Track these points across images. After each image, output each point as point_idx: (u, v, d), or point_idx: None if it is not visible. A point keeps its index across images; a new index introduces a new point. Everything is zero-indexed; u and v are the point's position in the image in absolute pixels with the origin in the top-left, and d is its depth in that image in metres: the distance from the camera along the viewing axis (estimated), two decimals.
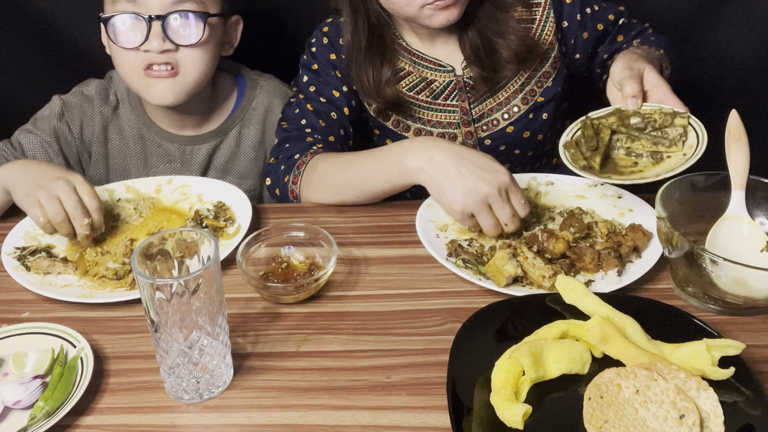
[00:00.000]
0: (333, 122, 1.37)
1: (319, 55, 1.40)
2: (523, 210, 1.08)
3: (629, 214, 1.16)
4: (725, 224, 1.04)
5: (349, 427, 0.83)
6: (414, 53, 1.38)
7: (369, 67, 1.34)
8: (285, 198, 1.31)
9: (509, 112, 1.38)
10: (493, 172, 1.06)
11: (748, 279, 0.90)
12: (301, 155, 1.29)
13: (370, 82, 1.34)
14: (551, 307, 0.94)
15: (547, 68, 1.38)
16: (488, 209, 1.07)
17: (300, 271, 1.07)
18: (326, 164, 1.25)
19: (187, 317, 0.81)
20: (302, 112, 1.37)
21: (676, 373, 0.80)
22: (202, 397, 0.87)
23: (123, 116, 1.46)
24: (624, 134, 1.14)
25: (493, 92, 1.38)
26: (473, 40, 1.32)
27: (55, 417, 0.82)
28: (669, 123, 1.11)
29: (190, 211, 1.26)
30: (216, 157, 1.48)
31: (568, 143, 1.15)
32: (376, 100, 1.37)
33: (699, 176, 1.06)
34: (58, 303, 1.04)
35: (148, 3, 1.26)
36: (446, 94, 1.38)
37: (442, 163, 1.08)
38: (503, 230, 1.09)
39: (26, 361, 0.91)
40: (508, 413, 0.76)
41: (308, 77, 1.40)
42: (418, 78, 1.38)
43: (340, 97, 1.39)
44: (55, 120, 1.41)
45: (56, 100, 1.43)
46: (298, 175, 1.28)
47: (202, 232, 0.84)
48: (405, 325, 0.99)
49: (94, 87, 1.45)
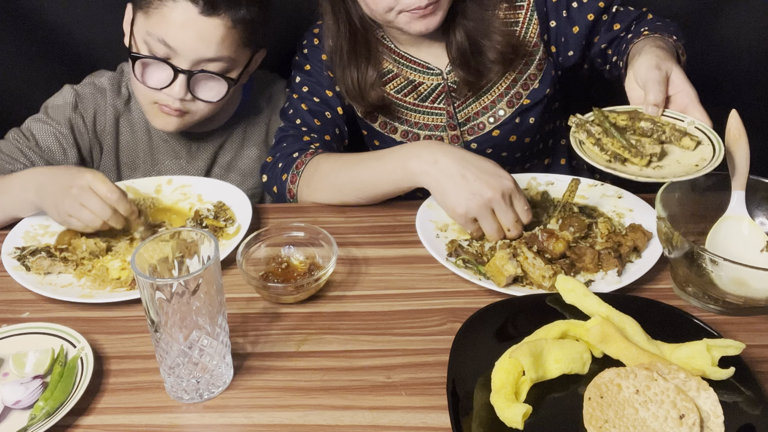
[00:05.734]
0: (328, 121, 1.38)
1: (310, 56, 1.40)
2: (526, 216, 1.08)
3: (629, 214, 1.17)
4: (725, 224, 1.04)
5: (349, 427, 0.83)
6: (401, 55, 1.37)
7: (353, 70, 1.33)
8: (282, 196, 1.31)
9: (495, 116, 1.38)
10: (498, 177, 1.06)
11: (748, 279, 0.90)
12: (300, 154, 1.29)
13: (354, 85, 1.34)
14: (551, 307, 0.94)
15: (532, 70, 1.37)
16: (491, 214, 1.07)
17: (300, 271, 1.07)
18: (328, 165, 1.25)
19: (187, 317, 0.81)
20: (297, 112, 1.37)
21: (676, 373, 0.80)
22: (202, 397, 0.87)
23: (134, 110, 1.45)
24: (600, 128, 1.08)
25: (478, 96, 1.37)
26: (459, 41, 1.30)
27: (55, 417, 0.82)
28: (677, 140, 1.06)
29: (190, 211, 1.26)
30: (221, 154, 1.48)
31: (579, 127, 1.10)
32: (361, 103, 1.37)
33: (699, 176, 1.06)
34: (58, 303, 1.04)
35: (181, 54, 1.23)
36: (433, 97, 1.38)
37: (447, 167, 1.08)
38: (506, 236, 1.09)
39: (26, 361, 0.91)
40: (508, 413, 0.76)
41: (300, 78, 1.40)
42: (405, 80, 1.38)
43: (333, 97, 1.39)
44: (69, 111, 1.39)
45: (69, 90, 1.40)
46: (297, 174, 1.28)
47: (202, 232, 0.84)
48: (405, 325, 0.99)
49: (107, 79, 1.43)
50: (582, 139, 1.09)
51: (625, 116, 1.11)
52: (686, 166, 1.03)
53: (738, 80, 1.66)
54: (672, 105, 1.08)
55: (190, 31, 1.21)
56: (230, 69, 1.29)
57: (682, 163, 1.04)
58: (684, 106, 1.07)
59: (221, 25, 1.22)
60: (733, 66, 1.65)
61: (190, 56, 1.23)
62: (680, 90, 1.07)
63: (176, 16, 1.21)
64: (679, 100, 1.07)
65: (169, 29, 1.21)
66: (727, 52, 1.64)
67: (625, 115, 1.11)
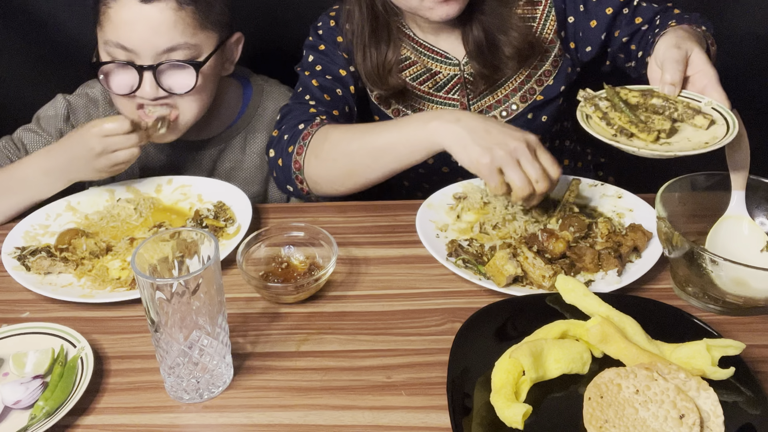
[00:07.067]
0: (338, 98, 1.35)
1: (326, 36, 1.39)
2: (555, 170, 1.05)
3: (629, 214, 1.17)
4: (725, 224, 1.04)
5: (349, 427, 0.83)
6: (420, 43, 1.37)
7: (373, 51, 1.33)
8: (287, 169, 1.26)
9: (507, 109, 1.38)
10: (521, 132, 1.05)
11: (748, 279, 0.90)
12: (306, 125, 1.26)
13: (375, 67, 1.33)
14: (551, 307, 0.94)
15: (547, 66, 1.37)
16: (517, 164, 1.03)
17: (300, 271, 1.07)
18: (339, 133, 1.22)
19: (187, 317, 0.81)
20: (306, 88, 1.35)
21: (676, 373, 0.80)
22: (202, 397, 0.87)
23: None
24: (609, 102, 1.06)
25: (492, 89, 1.37)
26: (476, 35, 1.30)
27: (55, 417, 0.82)
28: (689, 118, 1.02)
29: (190, 211, 1.26)
30: (220, 162, 1.46)
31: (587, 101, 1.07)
32: (380, 87, 1.36)
33: (699, 176, 1.06)
34: (58, 303, 1.04)
35: (139, 51, 1.22)
36: (449, 87, 1.38)
37: (470, 124, 1.07)
38: (534, 189, 1.04)
39: (26, 361, 0.91)
40: (508, 413, 0.76)
41: (314, 57, 1.38)
42: (423, 68, 1.37)
43: (347, 76, 1.37)
44: (61, 122, 1.39)
45: (61, 101, 1.40)
46: (304, 146, 1.23)
47: (202, 232, 0.84)
48: (405, 325, 0.99)
49: (99, 90, 1.43)
50: (589, 113, 1.06)
51: (638, 93, 1.07)
52: (695, 144, 0.99)
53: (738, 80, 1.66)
54: (690, 86, 1.05)
55: (138, 25, 1.21)
56: (195, 55, 1.27)
57: (692, 141, 1.00)
58: (702, 86, 1.03)
59: (166, 8, 1.21)
60: (733, 66, 1.65)
61: (148, 51, 1.22)
62: (699, 70, 1.03)
63: (122, 14, 1.21)
64: (698, 81, 1.03)
65: (120, 29, 1.21)
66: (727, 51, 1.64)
67: (638, 93, 1.07)
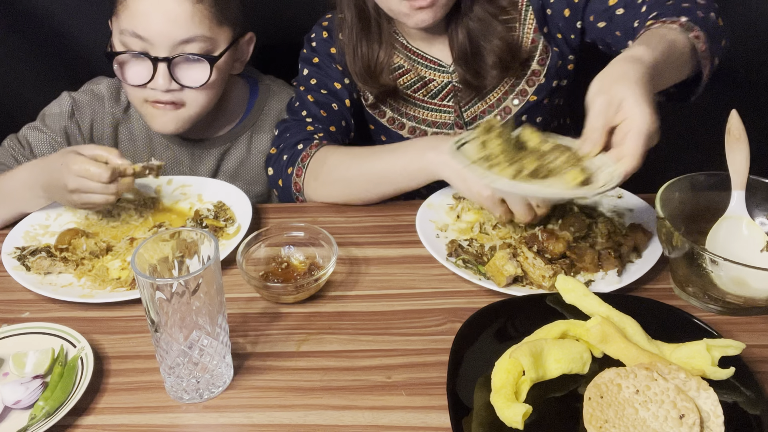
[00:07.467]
0: (334, 113, 1.37)
1: (319, 48, 1.39)
2: None
3: (629, 214, 1.16)
4: (725, 224, 1.04)
5: (349, 427, 0.83)
6: (413, 51, 1.37)
7: (364, 47, 1.33)
8: (288, 190, 1.29)
9: (500, 113, 1.37)
10: None
11: (748, 279, 0.90)
12: (305, 146, 1.28)
13: (365, 63, 1.33)
14: (551, 307, 0.94)
15: (535, 66, 1.36)
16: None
17: (300, 271, 1.07)
18: (337, 157, 1.24)
19: (187, 317, 0.81)
20: (303, 104, 1.36)
21: (676, 373, 0.80)
22: (202, 397, 0.87)
23: (134, 117, 1.44)
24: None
25: (482, 95, 1.37)
26: (461, 41, 1.30)
27: (55, 417, 0.82)
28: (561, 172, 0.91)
29: (190, 211, 1.26)
30: (225, 162, 1.46)
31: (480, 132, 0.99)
32: (372, 85, 1.36)
33: (699, 176, 1.06)
34: (58, 303, 1.04)
35: (155, 41, 1.23)
36: (443, 94, 1.38)
37: None
38: (536, 213, 1.05)
39: (26, 361, 0.91)
40: (508, 413, 0.76)
41: (309, 70, 1.39)
42: (416, 76, 1.38)
43: (342, 89, 1.38)
44: (65, 119, 1.39)
45: (66, 98, 1.40)
46: (303, 168, 1.26)
47: (202, 232, 0.84)
48: (405, 325, 0.99)
49: (105, 86, 1.43)
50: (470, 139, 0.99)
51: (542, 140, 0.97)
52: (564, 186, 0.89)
53: (738, 80, 1.66)
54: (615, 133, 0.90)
55: (156, 15, 1.22)
56: (210, 50, 1.27)
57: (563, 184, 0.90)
58: (623, 134, 0.88)
59: (186, 1, 1.22)
60: (733, 66, 1.65)
61: (165, 42, 1.23)
62: (627, 116, 0.87)
63: (140, 3, 1.22)
64: (624, 127, 0.88)
65: (138, 19, 1.22)
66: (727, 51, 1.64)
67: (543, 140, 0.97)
